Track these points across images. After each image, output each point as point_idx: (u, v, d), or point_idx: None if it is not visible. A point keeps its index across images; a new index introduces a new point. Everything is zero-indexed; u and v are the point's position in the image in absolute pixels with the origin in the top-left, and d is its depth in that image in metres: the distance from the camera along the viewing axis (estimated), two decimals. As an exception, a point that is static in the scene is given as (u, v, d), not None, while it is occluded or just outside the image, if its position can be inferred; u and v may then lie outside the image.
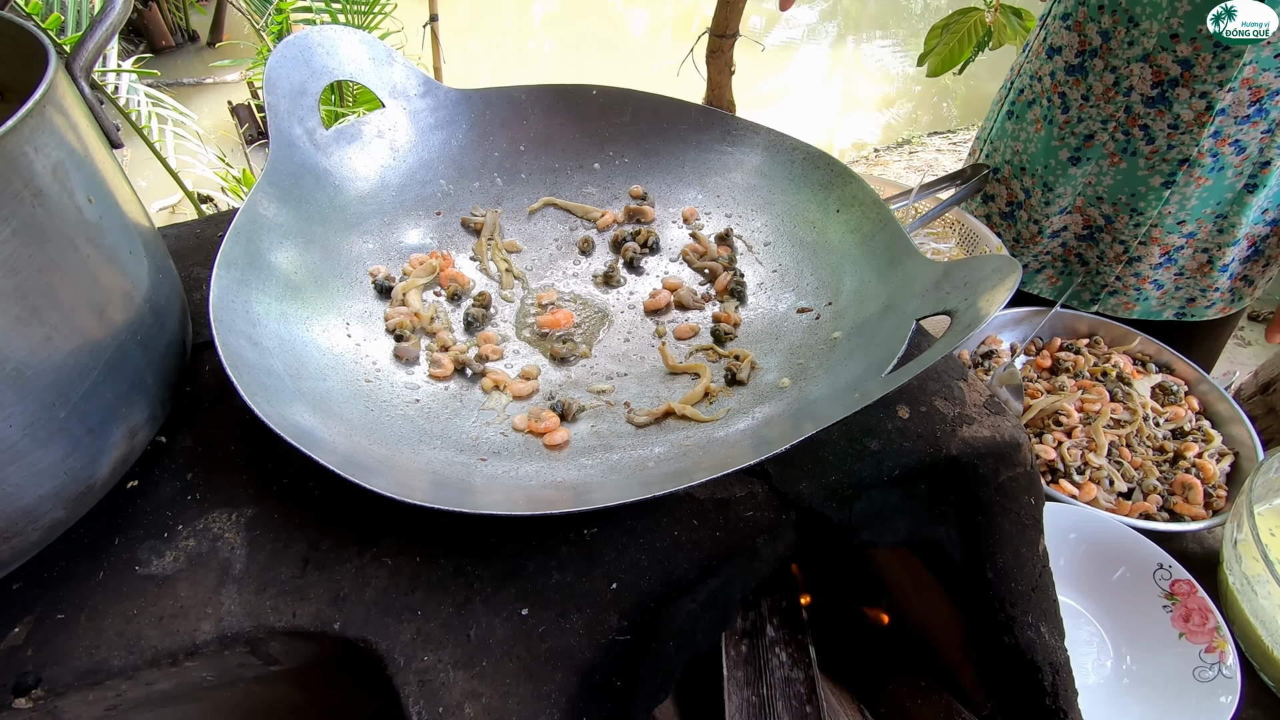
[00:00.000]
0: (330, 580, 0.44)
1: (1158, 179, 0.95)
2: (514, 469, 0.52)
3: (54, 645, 0.41)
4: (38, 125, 0.39)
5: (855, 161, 3.95)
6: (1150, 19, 0.87)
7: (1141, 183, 0.96)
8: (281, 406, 0.48)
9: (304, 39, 0.68)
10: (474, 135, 0.75)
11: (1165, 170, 0.94)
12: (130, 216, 0.48)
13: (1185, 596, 0.76)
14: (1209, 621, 0.74)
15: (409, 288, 0.65)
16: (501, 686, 0.40)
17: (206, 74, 4.16)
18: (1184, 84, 0.87)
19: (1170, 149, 0.92)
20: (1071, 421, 0.91)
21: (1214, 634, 0.73)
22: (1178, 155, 0.92)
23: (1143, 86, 0.90)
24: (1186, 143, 0.91)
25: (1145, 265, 1.03)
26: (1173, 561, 0.78)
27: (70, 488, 0.43)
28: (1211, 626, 0.73)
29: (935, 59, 2.24)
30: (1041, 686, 0.58)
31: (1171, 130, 0.91)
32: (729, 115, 0.74)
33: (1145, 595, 0.78)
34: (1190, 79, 0.87)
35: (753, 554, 0.48)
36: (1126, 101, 0.92)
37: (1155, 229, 0.99)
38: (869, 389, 0.46)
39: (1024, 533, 0.56)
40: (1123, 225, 1.01)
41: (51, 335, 0.40)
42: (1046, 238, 1.10)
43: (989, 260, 0.49)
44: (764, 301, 0.66)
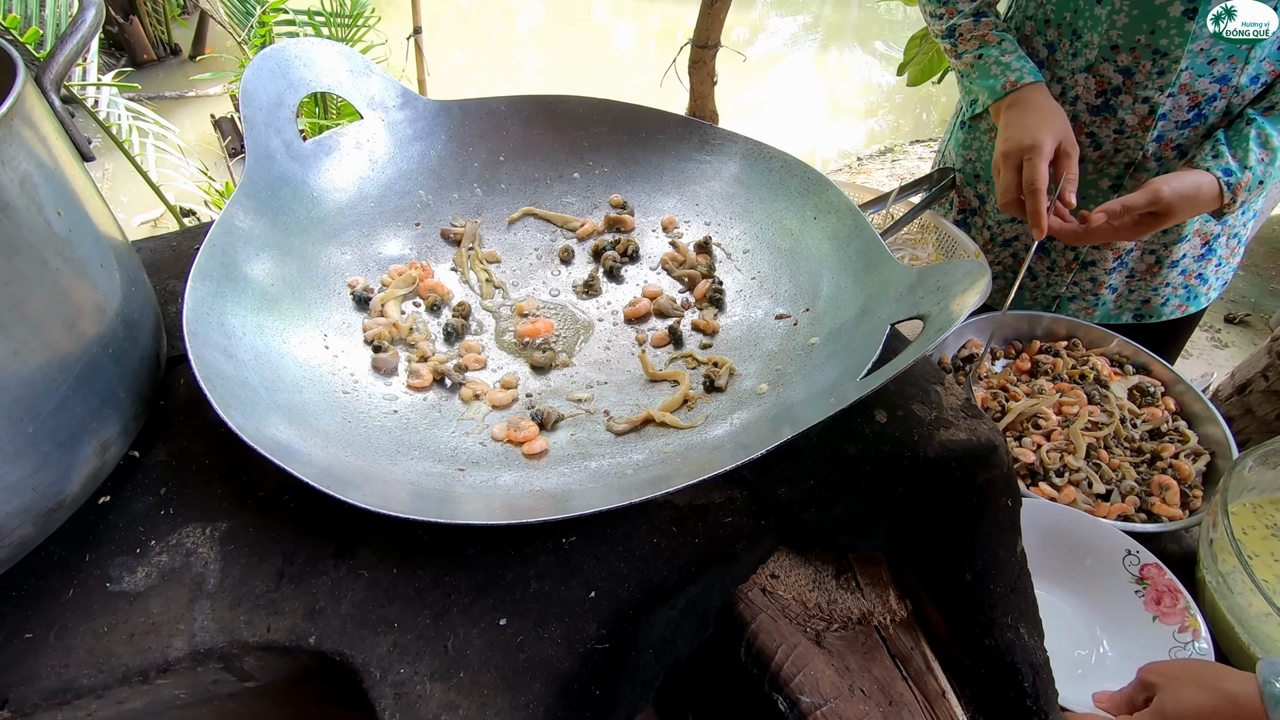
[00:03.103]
0: (306, 593, 0.44)
1: (1106, 181, 0.98)
2: (493, 478, 0.51)
3: (22, 664, 0.40)
4: (4, 138, 0.39)
5: (839, 170, 3.99)
6: (1091, 31, 0.90)
7: (1091, 186, 0.99)
8: (257, 419, 0.47)
9: (280, 51, 0.68)
10: (453, 146, 0.75)
11: (1113, 174, 0.97)
12: (102, 229, 0.48)
13: (1155, 579, 0.77)
14: (1179, 602, 0.75)
15: (388, 298, 0.65)
16: (479, 698, 0.40)
17: (188, 87, 4.14)
18: (1126, 91, 0.91)
19: (1117, 153, 0.95)
20: (1050, 424, 0.92)
21: (1185, 614, 0.74)
22: (1124, 159, 0.95)
23: (1088, 96, 0.94)
24: (1132, 146, 0.94)
25: (1100, 270, 1.06)
26: (1139, 547, 0.79)
27: (39, 504, 0.42)
28: (1182, 607, 0.75)
29: (915, 68, 2.27)
30: (1022, 688, 0.58)
31: (1117, 135, 0.94)
32: (707, 125, 0.75)
33: (1117, 582, 0.79)
34: (1132, 85, 0.90)
35: (732, 560, 0.48)
36: (1074, 110, 0.95)
37: None
38: (844, 393, 0.46)
39: (1002, 535, 0.57)
40: None
41: (19, 349, 0.40)
42: (999, 246, 1.12)
43: (960, 265, 0.49)
44: (743, 308, 0.67)
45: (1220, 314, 2.76)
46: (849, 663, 0.57)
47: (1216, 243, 1.04)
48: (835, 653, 0.57)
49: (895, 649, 0.59)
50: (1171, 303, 1.09)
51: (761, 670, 0.55)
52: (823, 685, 0.54)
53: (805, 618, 0.58)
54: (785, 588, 0.58)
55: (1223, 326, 2.71)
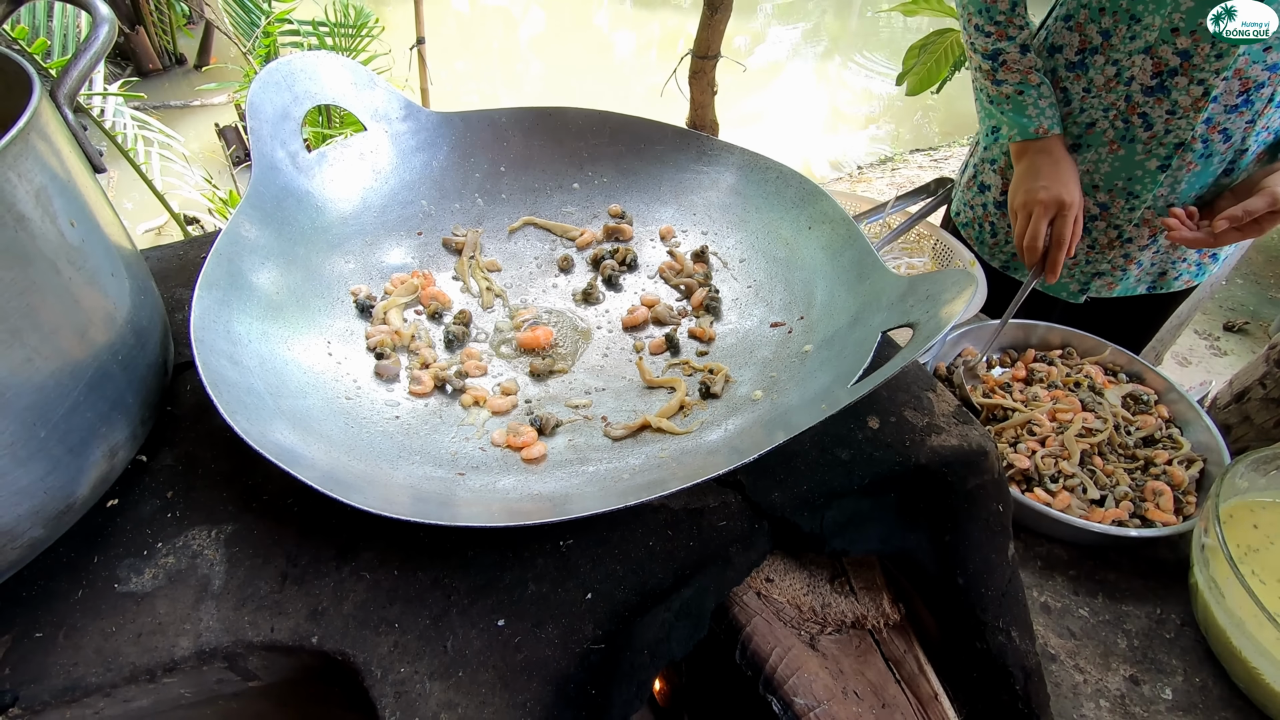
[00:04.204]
0: (309, 594, 0.45)
1: (1154, 162, 1.01)
2: (492, 482, 0.52)
3: (31, 663, 0.41)
4: (21, 153, 0.40)
5: (839, 178, 4.01)
6: (1153, 14, 0.93)
7: (1139, 167, 1.02)
8: (262, 424, 0.48)
9: (286, 65, 0.69)
10: (455, 157, 0.76)
11: (1161, 154, 1.00)
12: (112, 239, 0.49)
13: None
14: None
15: (390, 306, 0.66)
16: (477, 697, 0.41)
17: (193, 96, 4.18)
18: (1183, 73, 0.94)
19: (1167, 134, 0.98)
20: (1045, 431, 0.93)
21: None
22: (1174, 139, 0.98)
23: (1143, 77, 0.97)
24: (1183, 127, 0.97)
25: (1134, 247, 1.10)
26: None
27: (50, 506, 0.44)
28: None
29: (914, 78, 2.29)
30: (1014, 691, 0.59)
31: (1169, 116, 0.97)
32: (704, 136, 0.76)
33: None
34: (1189, 68, 0.93)
35: (726, 563, 0.49)
36: (1127, 91, 0.99)
37: (1148, 211, 1.05)
38: (836, 398, 0.47)
39: (993, 539, 0.58)
40: (1118, 210, 1.06)
41: (32, 356, 0.41)
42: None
43: (949, 274, 0.50)
44: (738, 316, 0.68)
45: (1219, 322, 2.77)
46: (843, 665, 0.58)
47: None
48: (829, 656, 0.58)
49: (889, 652, 0.60)
50: (1184, 277, 1.14)
51: (756, 673, 0.56)
52: (816, 688, 0.55)
53: (800, 621, 0.59)
54: (780, 591, 0.59)
55: (1221, 334, 2.72)
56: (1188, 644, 0.77)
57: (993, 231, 1.21)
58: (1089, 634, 0.77)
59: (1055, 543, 0.87)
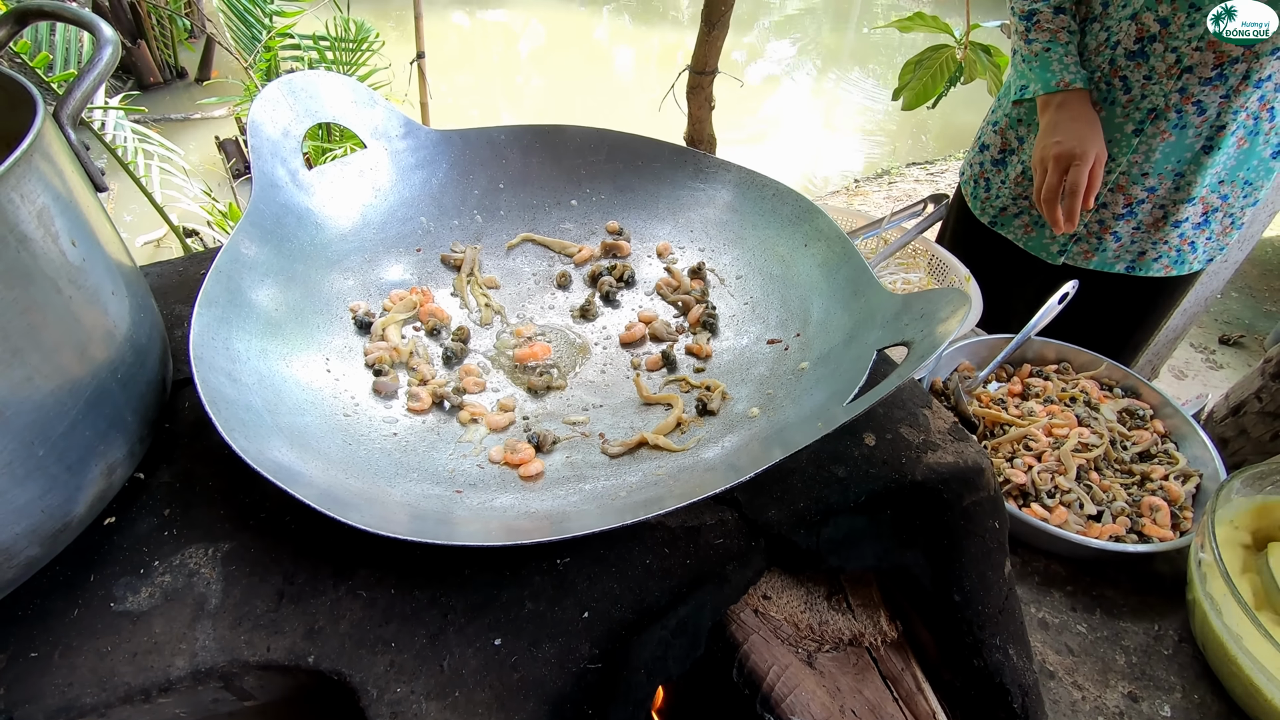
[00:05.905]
0: (305, 613, 0.45)
1: (1130, 125, 1.04)
2: (490, 500, 0.53)
3: (26, 683, 0.41)
4: (24, 173, 0.40)
5: (836, 192, 4.03)
6: None
7: (1117, 129, 1.06)
8: (260, 442, 0.49)
9: (287, 84, 0.70)
10: (454, 174, 0.77)
11: (1136, 118, 1.04)
12: (113, 257, 0.50)
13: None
14: None
15: (388, 323, 0.66)
16: (473, 716, 0.41)
17: (194, 110, 4.20)
18: (1160, 39, 0.97)
19: (1143, 98, 1.02)
20: (1041, 446, 0.93)
21: None
22: (1148, 104, 1.02)
23: (1127, 41, 1.01)
24: (1157, 94, 1.00)
25: (1109, 214, 1.12)
26: None
27: (47, 525, 0.44)
28: None
29: (910, 93, 2.31)
30: (1011, 709, 0.58)
31: (1146, 80, 1.01)
32: (701, 153, 0.77)
33: None
34: (1166, 35, 0.97)
35: (723, 580, 0.49)
36: (1112, 55, 1.02)
37: (1123, 176, 1.08)
38: (832, 416, 0.47)
39: (989, 556, 0.58)
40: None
41: (32, 375, 0.41)
42: (1028, 181, 1.18)
43: (943, 293, 0.51)
44: (735, 334, 0.68)
45: (1214, 335, 2.78)
46: (840, 684, 0.57)
47: (1213, 216, 1.10)
48: (826, 674, 0.58)
49: (886, 670, 0.59)
50: (1162, 260, 1.15)
51: (753, 691, 0.56)
52: (814, 706, 0.55)
53: (797, 639, 0.59)
54: (777, 609, 0.59)
55: (1217, 348, 2.73)
56: (1186, 660, 0.77)
57: (986, 186, 1.27)
58: (1087, 650, 0.77)
59: (1052, 558, 0.87)
